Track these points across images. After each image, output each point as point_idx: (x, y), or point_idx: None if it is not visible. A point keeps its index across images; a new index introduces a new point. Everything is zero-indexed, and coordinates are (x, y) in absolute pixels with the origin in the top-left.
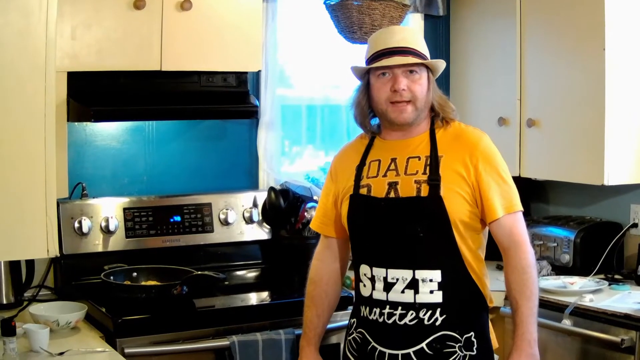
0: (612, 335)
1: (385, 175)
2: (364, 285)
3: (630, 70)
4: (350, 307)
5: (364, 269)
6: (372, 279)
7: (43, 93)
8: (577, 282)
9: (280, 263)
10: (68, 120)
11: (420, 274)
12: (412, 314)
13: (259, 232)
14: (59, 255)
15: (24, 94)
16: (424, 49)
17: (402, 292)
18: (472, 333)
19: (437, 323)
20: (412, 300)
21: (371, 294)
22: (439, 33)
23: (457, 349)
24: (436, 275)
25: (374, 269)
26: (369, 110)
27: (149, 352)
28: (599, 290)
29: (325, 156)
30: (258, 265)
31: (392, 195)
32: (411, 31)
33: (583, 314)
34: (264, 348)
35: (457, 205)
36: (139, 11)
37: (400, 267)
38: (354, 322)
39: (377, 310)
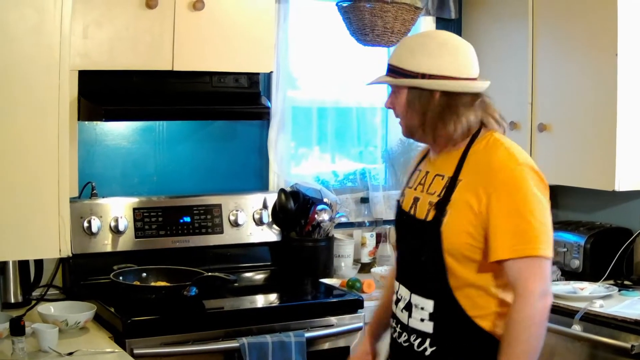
0: (622, 341)
1: (415, 189)
2: None
3: None
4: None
5: None
6: (395, 289)
7: (57, 90)
8: (587, 288)
9: (290, 265)
10: (79, 119)
11: (415, 299)
12: (405, 335)
13: (269, 234)
14: (71, 255)
15: (37, 91)
16: (407, 64)
17: (402, 310)
18: None
19: (427, 353)
20: (406, 322)
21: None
22: None
23: None
24: (429, 304)
25: (395, 280)
26: None
27: (158, 353)
28: (608, 296)
29: (332, 159)
30: (267, 267)
31: (412, 211)
32: (405, 44)
33: (593, 320)
34: (274, 350)
35: (456, 236)
36: (151, 10)
37: (404, 285)
38: None
39: (392, 320)
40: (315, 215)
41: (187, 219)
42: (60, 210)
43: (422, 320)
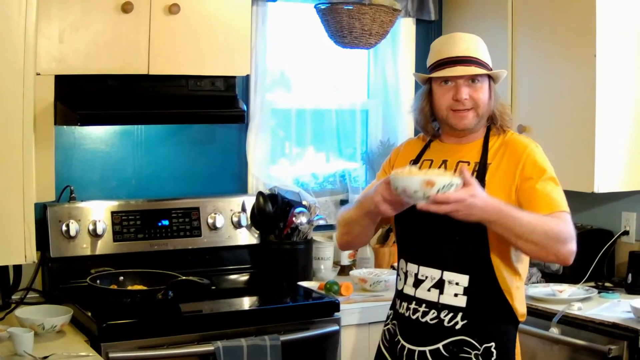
0: (599, 344)
1: None
2: (400, 279)
3: (620, 77)
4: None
5: (402, 262)
6: (406, 274)
7: (21, 97)
8: (566, 290)
9: (268, 268)
10: (55, 124)
11: (448, 275)
12: (434, 312)
13: (248, 237)
14: (36, 261)
15: (1, 98)
16: (485, 57)
17: (429, 290)
18: (492, 344)
19: (457, 327)
20: (436, 300)
21: (402, 288)
22: (431, 38)
23: (472, 356)
24: (463, 279)
25: (409, 264)
26: (431, 115)
27: (133, 356)
28: (588, 299)
29: (312, 161)
30: (246, 270)
31: None
32: (474, 40)
33: (571, 323)
34: (249, 354)
35: None
36: (126, 15)
37: (431, 265)
38: (390, 313)
39: (405, 305)
40: (294, 218)
41: (166, 222)
42: (26, 217)
43: (455, 295)
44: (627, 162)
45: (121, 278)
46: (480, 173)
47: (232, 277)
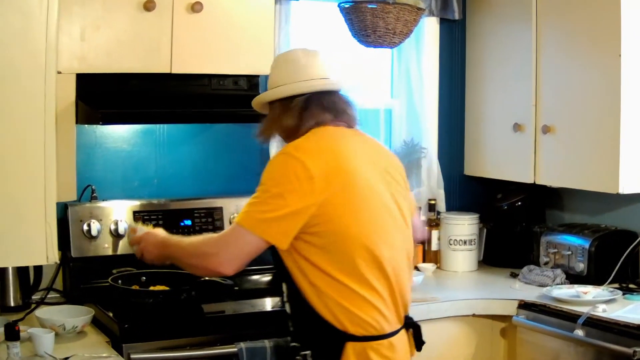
0: (624, 347)
1: None
2: None
3: None
4: None
5: None
6: None
7: (43, 96)
8: (590, 292)
9: None
10: (77, 123)
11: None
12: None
13: None
14: (58, 262)
15: (23, 96)
16: (271, 81)
17: None
18: (309, 352)
19: (290, 330)
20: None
21: None
22: (455, 37)
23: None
24: (284, 286)
25: None
26: None
27: (155, 358)
28: (612, 300)
29: None
30: (269, 270)
31: None
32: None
33: (596, 324)
34: (272, 355)
35: None
36: (149, 13)
37: None
38: None
39: None
40: None
41: (188, 222)
42: (47, 217)
43: (283, 302)
44: None
45: (143, 278)
46: None
47: (255, 277)
